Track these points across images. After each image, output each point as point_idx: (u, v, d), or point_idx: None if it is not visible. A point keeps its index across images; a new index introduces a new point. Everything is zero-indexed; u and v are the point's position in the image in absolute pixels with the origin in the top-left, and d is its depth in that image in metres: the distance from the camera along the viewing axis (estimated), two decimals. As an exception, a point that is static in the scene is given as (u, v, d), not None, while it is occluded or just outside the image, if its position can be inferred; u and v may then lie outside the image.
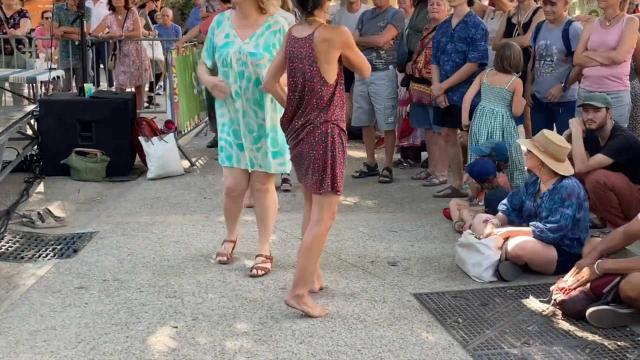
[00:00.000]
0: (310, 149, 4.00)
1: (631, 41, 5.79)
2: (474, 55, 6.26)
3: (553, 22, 6.22)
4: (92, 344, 3.72)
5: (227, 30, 4.63)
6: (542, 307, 4.23)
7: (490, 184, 5.71)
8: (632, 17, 5.96)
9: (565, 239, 4.68)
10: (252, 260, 4.88)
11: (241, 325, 3.96)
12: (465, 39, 6.27)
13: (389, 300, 4.32)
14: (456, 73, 6.31)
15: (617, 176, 5.27)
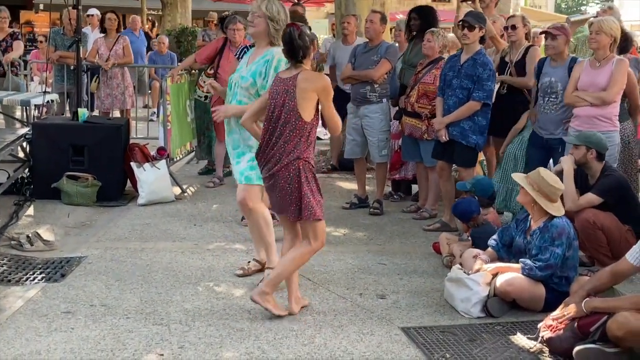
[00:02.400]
0: (286, 183, 4.34)
1: (621, 82, 5.85)
2: (479, 95, 6.25)
3: (555, 59, 6.28)
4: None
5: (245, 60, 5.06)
6: (530, 344, 4.21)
7: (475, 222, 5.73)
8: (621, 58, 6.02)
9: (554, 277, 4.68)
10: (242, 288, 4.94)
11: (227, 354, 3.94)
12: (472, 76, 6.27)
13: (377, 334, 4.30)
14: (459, 109, 6.30)
15: (607, 216, 5.29)
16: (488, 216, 5.89)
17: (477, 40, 6.35)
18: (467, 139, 6.33)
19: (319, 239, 4.45)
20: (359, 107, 7.25)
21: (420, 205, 7.28)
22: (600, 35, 5.86)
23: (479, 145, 6.46)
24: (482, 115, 6.32)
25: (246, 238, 6.16)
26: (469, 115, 6.28)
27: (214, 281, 5.10)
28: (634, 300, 4.08)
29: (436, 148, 6.58)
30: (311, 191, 4.35)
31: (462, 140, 6.33)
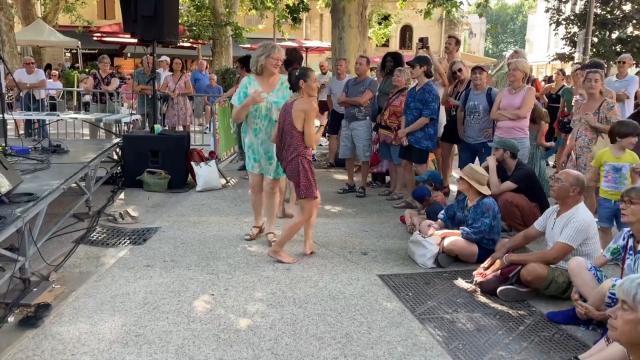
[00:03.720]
0: (291, 172, 4.54)
1: (530, 103, 5.84)
2: (427, 113, 6.19)
3: (478, 88, 6.28)
4: (154, 305, 3.71)
5: (256, 86, 4.90)
6: (467, 286, 4.22)
7: (428, 202, 5.71)
8: (530, 87, 6.00)
9: (484, 239, 4.67)
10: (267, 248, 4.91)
11: (258, 294, 3.94)
12: (422, 100, 6.22)
13: (361, 279, 4.30)
14: (414, 123, 6.26)
15: (520, 196, 5.27)
16: (437, 197, 5.88)
17: (421, 75, 6.29)
18: (420, 144, 6.28)
19: (304, 213, 4.60)
20: (350, 123, 7.23)
21: (391, 190, 7.25)
22: (516, 71, 5.84)
23: (430, 148, 6.43)
24: (431, 127, 6.27)
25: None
26: (421, 127, 6.25)
27: (248, 243, 5.07)
28: (539, 255, 4.08)
29: (400, 151, 6.57)
30: (306, 177, 4.49)
31: (417, 145, 6.29)
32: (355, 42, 9.38)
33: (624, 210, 3.35)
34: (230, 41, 21.69)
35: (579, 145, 5.36)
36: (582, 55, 16.57)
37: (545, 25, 26.08)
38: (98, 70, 10.16)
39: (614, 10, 21.71)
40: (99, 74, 10.02)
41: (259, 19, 22.97)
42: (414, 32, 33.59)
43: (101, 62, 10.10)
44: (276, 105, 4.87)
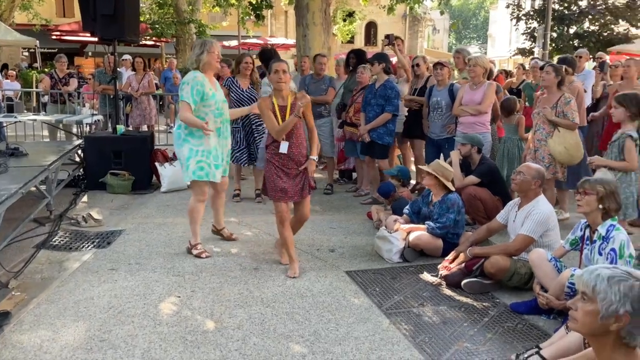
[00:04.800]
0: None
1: (491, 99, 5.93)
2: (389, 108, 6.26)
3: (440, 84, 6.35)
4: (119, 309, 3.65)
5: (208, 85, 4.55)
6: (433, 280, 4.27)
7: (393, 198, 5.77)
8: (491, 82, 6.11)
9: (449, 233, 4.74)
10: (237, 248, 4.88)
11: (225, 295, 3.91)
12: (384, 96, 6.29)
13: (329, 276, 4.31)
14: (376, 119, 6.31)
15: (483, 190, 5.37)
16: (403, 193, 5.93)
17: (380, 72, 6.34)
18: (382, 139, 6.34)
19: (276, 214, 4.30)
20: (315, 120, 7.23)
21: (358, 186, 7.30)
22: (476, 67, 5.92)
23: (391, 144, 6.49)
24: (392, 123, 6.34)
25: (238, 212, 6.16)
26: (383, 123, 6.30)
27: (215, 244, 5.04)
28: (501, 247, 4.17)
29: (362, 147, 6.60)
30: (269, 178, 4.25)
31: (379, 141, 6.34)
32: (319, 39, 9.40)
33: (579, 202, 3.45)
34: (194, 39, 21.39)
35: (537, 138, 5.48)
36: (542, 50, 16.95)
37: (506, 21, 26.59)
38: (55, 70, 9.89)
39: (571, 6, 22.26)
40: (56, 74, 9.75)
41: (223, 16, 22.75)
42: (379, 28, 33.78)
43: (58, 62, 9.82)
44: (224, 103, 4.75)
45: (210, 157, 4.59)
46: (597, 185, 3.40)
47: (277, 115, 4.12)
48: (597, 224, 3.42)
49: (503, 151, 6.35)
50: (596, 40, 21.07)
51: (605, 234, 3.36)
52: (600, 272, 1.81)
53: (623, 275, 1.78)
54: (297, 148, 4.20)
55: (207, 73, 4.59)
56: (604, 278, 1.78)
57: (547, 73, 5.43)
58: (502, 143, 6.43)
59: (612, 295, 1.75)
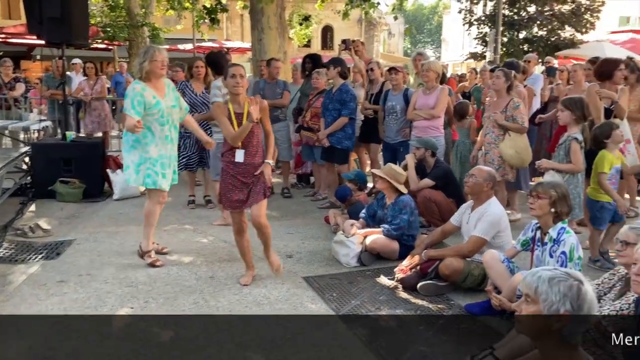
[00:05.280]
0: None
1: (444, 103, 6.03)
2: (346, 112, 6.28)
3: (395, 89, 6.42)
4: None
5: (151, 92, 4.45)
6: (389, 283, 4.29)
7: (350, 202, 5.80)
8: (444, 87, 6.21)
9: (404, 236, 4.78)
10: (192, 256, 4.78)
11: (180, 305, 3.83)
12: (340, 100, 6.31)
13: (286, 282, 4.27)
14: (334, 124, 6.33)
15: (438, 193, 5.45)
16: (360, 197, 5.95)
17: (336, 76, 6.38)
18: (341, 144, 6.37)
19: (232, 225, 4.20)
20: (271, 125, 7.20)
21: (316, 191, 7.30)
22: (429, 72, 6.01)
23: (350, 148, 6.53)
24: (349, 127, 6.37)
25: (193, 220, 6.05)
26: (341, 128, 6.32)
27: (169, 253, 4.92)
28: (455, 249, 4.23)
29: (322, 152, 6.61)
30: (225, 188, 4.11)
31: (338, 145, 6.36)
32: (275, 44, 9.38)
33: (532, 205, 3.54)
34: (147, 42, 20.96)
35: (487, 141, 5.61)
36: (493, 54, 17.40)
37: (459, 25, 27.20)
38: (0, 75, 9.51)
39: (521, 11, 22.95)
40: (0, 78, 9.37)
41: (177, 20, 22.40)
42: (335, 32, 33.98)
43: (2, 66, 9.43)
44: (174, 109, 4.64)
45: (157, 165, 4.51)
46: (549, 189, 3.49)
47: (233, 122, 4.00)
48: (549, 226, 3.52)
49: (456, 154, 6.47)
50: (544, 45, 21.79)
51: (556, 237, 3.45)
52: (541, 274, 1.86)
53: (563, 276, 1.84)
54: (253, 157, 4.05)
55: (152, 81, 4.50)
56: (545, 279, 1.83)
57: (497, 78, 5.56)
58: (456, 146, 6.55)
59: (552, 296, 1.81)
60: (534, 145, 6.21)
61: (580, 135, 4.71)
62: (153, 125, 4.47)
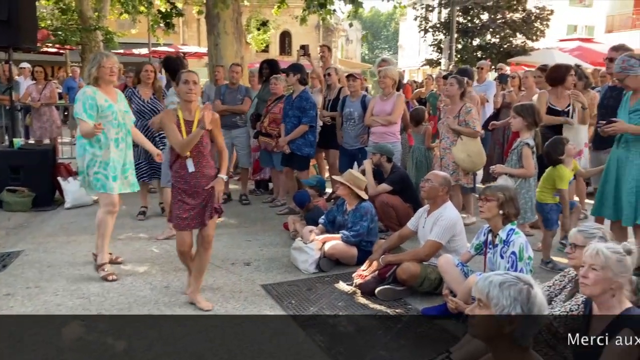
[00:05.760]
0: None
1: (400, 109, 6.12)
2: (306, 120, 6.30)
3: (353, 96, 6.46)
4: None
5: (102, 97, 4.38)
6: (348, 289, 4.30)
7: (308, 208, 5.80)
8: (400, 93, 6.30)
9: (363, 241, 4.80)
10: (146, 266, 4.67)
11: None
12: (300, 108, 6.32)
13: (244, 291, 4.23)
14: (294, 131, 6.33)
15: (395, 198, 5.51)
16: (319, 202, 5.96)
17: (296, 82, 6.39)
18: (302, 151, 6.38)
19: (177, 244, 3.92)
20: (230, 131, 7.13)
21: (275, 197, 7.27)
22: (386, 79, 6.09)
23: (310, 155, 6.54)
24: (310, 133, 6.39)
25: (148, 229, 5.92)
26: (301, 135, 6.33)
27: (123, 263, 4.80)
28: (412, 254, 4.27)
29: (283, 158, 6.60)
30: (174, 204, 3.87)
31: (298, 152, 6.37)
32: (232, 49, 9.32)
33: (482, 208, 3.62)
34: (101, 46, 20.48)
35: (443, 146, 5.71)
36: (448, 61, 17.77)
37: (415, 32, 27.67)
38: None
39: (474, 19, 23.56)
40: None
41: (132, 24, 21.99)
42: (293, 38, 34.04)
43: (-55, 71, 9.09)
44: (127, 114, 4.57)
45: (107, 169, 4.40)
46: (497, 192, 3.58)
47: (182, 130, 3.79)
48: (499, 228, 3.60)
49: (412, 159, 6.56)
50: (497, 51, 22.43)
51: (505, 238, 3.54)
52: (492, 279, 1.91)
53: (513, 280, 1.88)
54: (204, 168, 3.82)
55: (102, 87, 4.41)
56: (496, 284, 1.88)
57: (450, 85, 5.67)
58: (412, 152, 6.64)
59: (503, 300, 1.85)
60: (487, 150, 6.35)
61: (532, 140, 4.84)
62: (106, 128, 4.38)
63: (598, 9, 30.75)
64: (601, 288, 2.38)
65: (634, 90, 4.03)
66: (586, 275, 2.41)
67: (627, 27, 28.04)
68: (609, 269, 2.37)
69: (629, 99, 4.08)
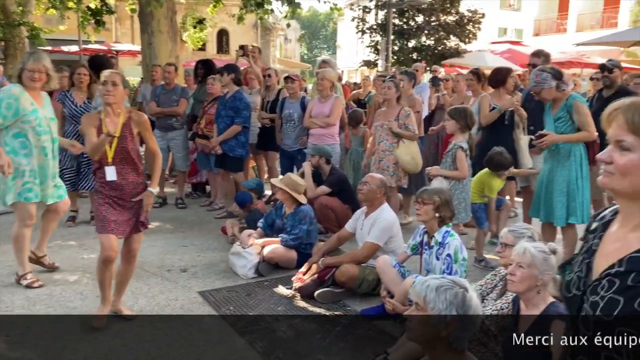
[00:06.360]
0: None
1: (338, 111, 6.16)
2: (239, 120, 6.25)
3: (292, 97, 6.46)
4: None
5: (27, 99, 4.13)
6: (287, 292, 4.28)
7: (249, 209, 5.75)
8: (337, 95, 6.35)
9: (302, 244, 4.80)
10: (77, 275, 4.49)
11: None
12: (233, 108, 6.26)
13: (180, 298, 4.13)
14: (226, 132, 6.27)
15: (334, 200, 5.55)
16: (258, 205, 5.93)
17: (230, 82, 6.34)
18: (234, 152, 6.32)
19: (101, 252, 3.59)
20: (166, 133, 6.98)
21: (212, 200, 7.15)
22: (324, 81, 6.12)
23: (243, 156, 6.49)
24: (243, 135, 6.34)
25: (79, 236, 5.68)
26: (234, 135, 6.26)
27: (52, 272, 4.58)
28: (350, 255, 4.32)
29: (216, 160, 6.51)
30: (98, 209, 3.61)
31: (231, 153, 6.31)
32: (166, 48, 9.11)
33: (419, 211, 3.71)
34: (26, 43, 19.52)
35: (382, 149, 5.80)
36: (385, 62, 18.07)
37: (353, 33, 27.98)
38: None
39: (410, 21, 24.07)
40: None
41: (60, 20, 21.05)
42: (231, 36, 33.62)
43: None
44: (52, 121, 4.32)
45: (25, 176, 4.16)
46: (433, 195, 3.68)
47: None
48: (435, 230, 3.70)
49: (350, 161, 6.63)
50: (432, 53, 23.00)
51: (441, 240, 3.64)
52: (429, 282, 1.95)
53: (449, 284, 1.93)
54: (128, 175, 3.56)
55: (29, 89, 4.15)
56: (433, 288, 1.92)
57: (388, 88, 5.76)
58: (349, 154, 6.71)
59: (439, 304, 1.89)
60: (424, 151, 6.50)
61: (465, 143, 4.99)
62: (29, 134, 4.14)
63: (526, 12, 32.14)
64: (527, 285, 2.50)
65: (552, 100, 4.25)
66: (513, 273, 2.52)
67: (553, 31, 29.50)
68: (534, 267, 2.49)
69: (550, 108, 4.30)
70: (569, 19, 28.65)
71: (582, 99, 4.36)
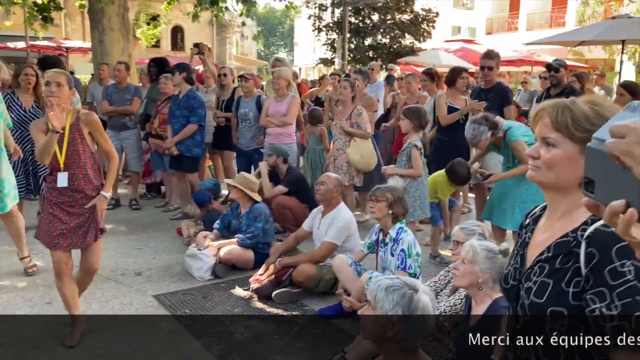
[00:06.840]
0: None
1: (295, 110, 6.16)
2: (194, 119, 6.18)
3: (247, 96, 6.42)
4: None
5: None
6: (245, 294, 4.26)
7: (207, 209, 5.69)
8: (295, 95, 6.35)
9: (259, 244, 4.78)
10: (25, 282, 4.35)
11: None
12: (188, 107, 6.18)
13: (135, 303, 4.06)
14: (182, 131, 6.18)
15: (291, 199, 5.55)
16: (215, 205, 5.87)
17: (182, 81, 6.25)
18: (191, 152, 6.25)
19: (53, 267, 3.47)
20: (119, 132, 6.83)
21: (167, 201, 7.03)
22: (280, 79, 6.10)
23: (199, 156, 6.42)
24: (199, 134, 6.27)
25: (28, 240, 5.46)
26: (190, 135, 6.19)
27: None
28: (308, 255, 4.33)
29: (171, 161, 6.41)
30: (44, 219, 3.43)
31: (187, 153, 6.24)
32: (118, 45, 8.90)
33: (372, 208, 3.76)
34: (-32, 39, 18.73)
35: (336, 147, 5.84)
36: (341, 60, 18.16)
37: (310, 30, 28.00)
38: None
39: (365, 19, 24.28)
40: None
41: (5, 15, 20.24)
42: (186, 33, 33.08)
43: None
44: (9, 128, 4.23)
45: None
46: (386, 192, 3.73)
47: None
48: (389, 227, 3.76)
49: (307, 160, 6.64)
50: (388, 51, 23.29)
51: (395, 236, 3.70)
52: (381, 282, 1.98)
53: (399, 285, 1.97)
54: (80, 181, 3.36)
55: None
56: (383, 288, 1.96)
57: (344, 88, 5.79)
58: (307, 152, 6.71)
59: (387, 304, 1.93)
60: (380, 149, 6.57)
61: (420, 142, 5.06)
62: None
63: (479, 11, 32.88)
64: (468, 281, 2.58)
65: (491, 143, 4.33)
66: (457, 268, 2.60)
67: (504, 30, 30.29)
68: (475, 263, 2.56)
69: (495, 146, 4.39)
70: (519, 18, 29.48)
71: (516, 134, 4.21)
